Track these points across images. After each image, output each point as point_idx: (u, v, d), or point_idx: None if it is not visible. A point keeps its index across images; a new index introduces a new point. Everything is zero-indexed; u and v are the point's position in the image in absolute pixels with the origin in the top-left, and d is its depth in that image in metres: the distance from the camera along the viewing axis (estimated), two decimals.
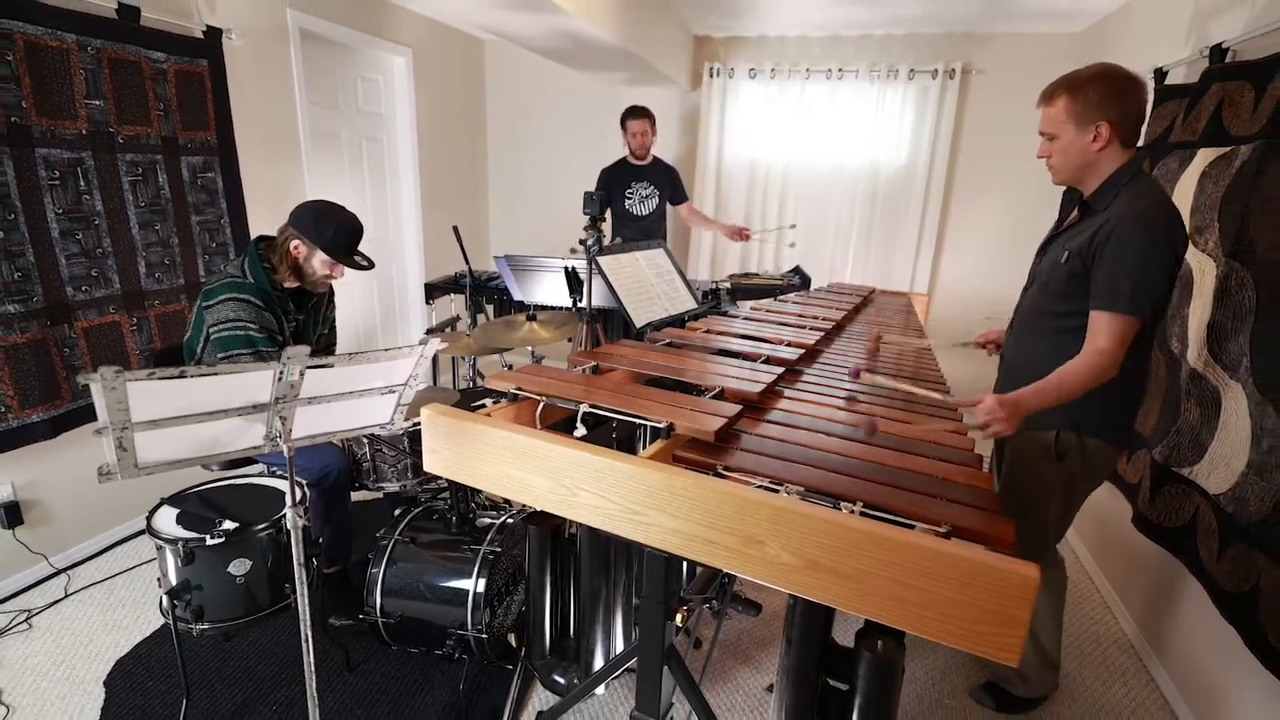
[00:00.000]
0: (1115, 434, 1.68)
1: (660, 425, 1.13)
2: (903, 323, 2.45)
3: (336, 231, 1.98)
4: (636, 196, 3.87)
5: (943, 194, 4.08)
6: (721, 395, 1.35)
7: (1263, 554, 1.57)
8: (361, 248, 2.08)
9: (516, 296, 3.20)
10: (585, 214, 2.19)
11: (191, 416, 1.18)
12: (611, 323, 3.27)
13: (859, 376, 1.58)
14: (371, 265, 2.10)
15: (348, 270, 2.05)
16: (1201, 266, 1.97)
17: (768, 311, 2.27)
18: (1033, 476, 1.75)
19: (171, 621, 1.71)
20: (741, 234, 3.87)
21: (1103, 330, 1.51)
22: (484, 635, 1.89)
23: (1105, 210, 1.56)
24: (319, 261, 2.00)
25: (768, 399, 1.38)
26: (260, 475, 2.03)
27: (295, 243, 1.99)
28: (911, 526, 0.87)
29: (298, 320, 2.12)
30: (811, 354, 1.78)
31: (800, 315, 2.20)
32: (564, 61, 3.85)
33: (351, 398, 1.38)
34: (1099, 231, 1.52)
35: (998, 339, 2.03)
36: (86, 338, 2.45)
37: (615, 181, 3.86)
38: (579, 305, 2.62)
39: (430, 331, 2.84)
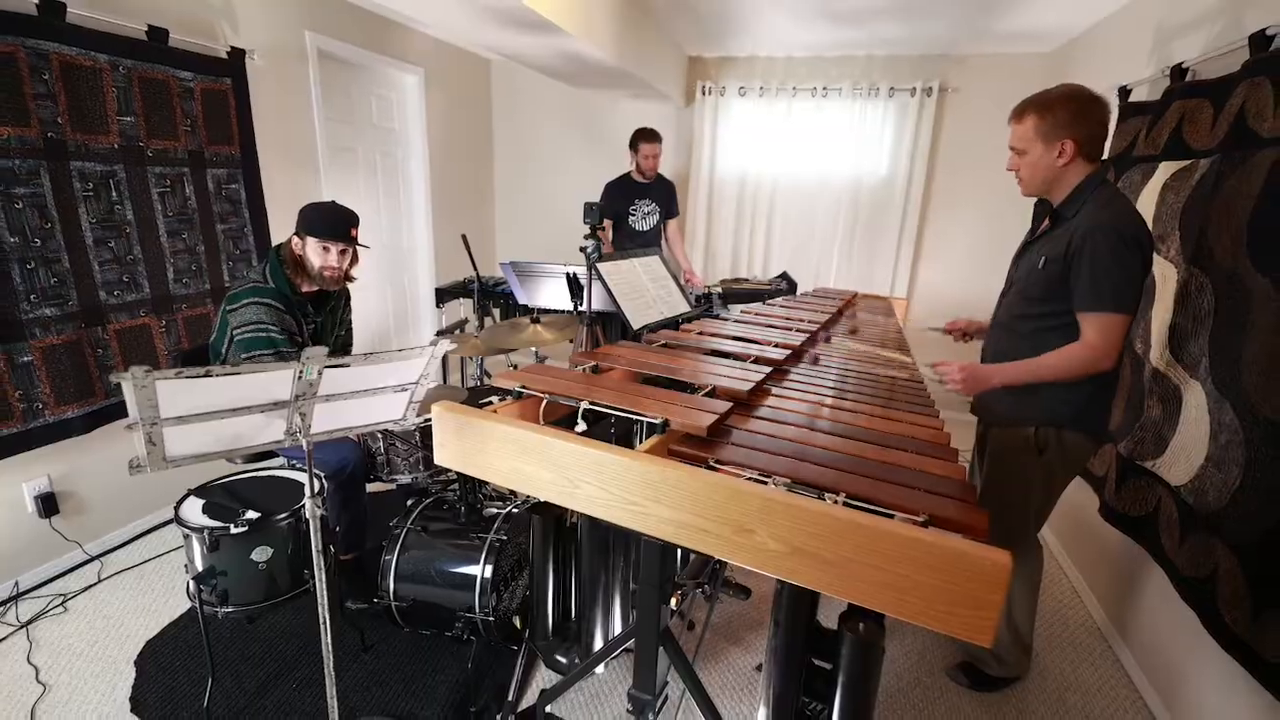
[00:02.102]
0: (1091, 426, 1.68)
1: (656, 421, 1.12)
2: (882, 325, 2.44)
3: (317, 217, 1.99)
4: (639, 213, 3.82)
5: (921, 204, 4.08)
6: (713, 393, 1.34)
7: (1220, 542, 1.58)
8: (376, 253, 2.08)
9: (521, 300, 3.19)
10: (585, 223, 2.19)
11: (217, 413, 1.18)
12: (610, 325, 3.27)
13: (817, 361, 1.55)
14: (362, 245, 2.09)
15: (361, 274, 2.05)
16: (1163, 273, 1.97)
17: (757, 314, 2.26)
18: (1014, 470, 1.75)
19: (198, 605, 1.71)
20: (691, 278, 3.83)
21: (1090, 328, 1.52)
22: (491, 618, 1.89)
23: (1074, 218, 1.57)
24: (312, 250, 2.00)
25: (756, 397, 1.38)
26: (281, 468, 2.03)
27: (294, 239, 2.01)
28: (891, 516, 0.87)
29: (316, 322, 2.12)
30: (797, 354, 1.78)
31: (787, 318, 2.19)
32: (565, 80, 3.84)
33: (367, 395, 1.38)
34: (1072, 239, 1.53)
35: (965, 327, 2.05)
36: (118, 339, 2.44)
37: (619, 198, 3.79)
38: (580, 309, 2.62)
39: (440, 333, 2.84)
